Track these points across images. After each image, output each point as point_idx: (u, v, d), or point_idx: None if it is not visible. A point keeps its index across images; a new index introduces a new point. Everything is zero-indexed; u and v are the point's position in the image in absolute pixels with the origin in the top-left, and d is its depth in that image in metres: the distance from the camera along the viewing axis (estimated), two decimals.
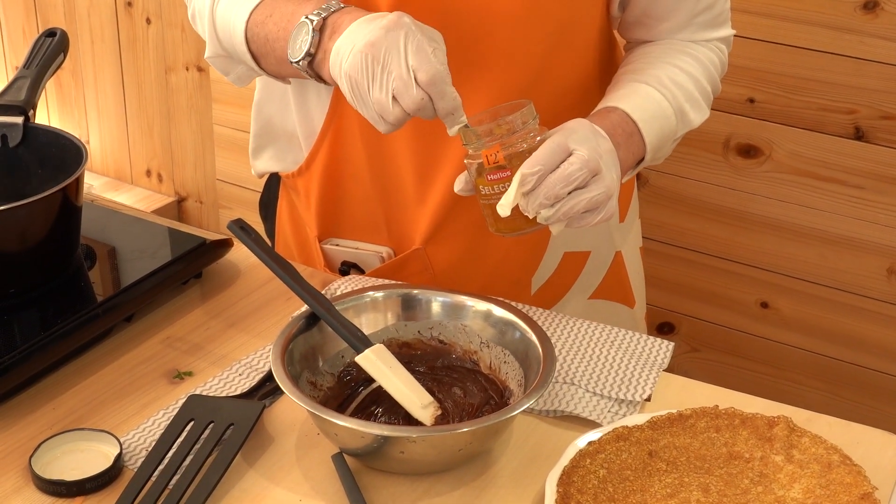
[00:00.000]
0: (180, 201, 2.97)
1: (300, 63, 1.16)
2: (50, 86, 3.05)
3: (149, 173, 2.99)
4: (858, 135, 1.89)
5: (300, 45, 1.16)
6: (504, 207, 1.09)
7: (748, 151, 2.00)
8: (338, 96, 1.31)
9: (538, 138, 1.11)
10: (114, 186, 3.04)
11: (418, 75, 1.07)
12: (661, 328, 2.22)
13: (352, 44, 1.09)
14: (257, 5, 1.24)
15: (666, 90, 1.27)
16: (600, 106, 1.26)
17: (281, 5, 1.22)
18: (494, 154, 1.09)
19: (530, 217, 1.10)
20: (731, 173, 2.03)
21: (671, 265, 2.15)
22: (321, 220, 1.42)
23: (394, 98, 1.08)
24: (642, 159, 1.27)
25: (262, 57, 1.26)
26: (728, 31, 1.37)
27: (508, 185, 1.09)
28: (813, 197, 1.97)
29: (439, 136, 1.20)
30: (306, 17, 1.16)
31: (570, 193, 1.09)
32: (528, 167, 1.08)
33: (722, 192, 2.05)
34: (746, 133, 1.99)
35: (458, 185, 1.15)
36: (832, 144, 1.92)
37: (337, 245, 1.42)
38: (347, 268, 1.42)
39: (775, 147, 1.98)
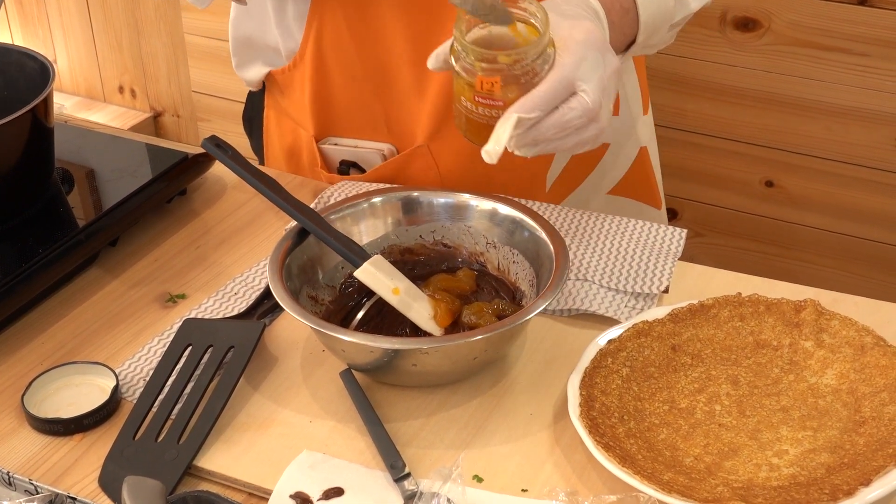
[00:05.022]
0: (156, 117, 2.90)
1: None
2: (10, 5, 2.96)
3: (121, 89, 2.92)
4: None
5: None
6: (491, 155, 0.96)
7: (746, 24, 1.94)
8: None
9: (545, 68, 0.97)
10: (86, 106, 2.97)
11: None
12: None
13: None
14: None
15: None
16: None
17: None
18: (491, 84, 0.96)
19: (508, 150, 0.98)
20: (730, 49, 1.97)
21: (671, 148, 2.10)
22: (317, 118, 1.33)
23: None
24: (633, 42, 1.17)
25: None
26: None
27: (495, 113, 0.97)
28: (816, 68, 1.91)
29: (433, 16, 1.12)
30: None
31: None
32: (525, 110, 0.95)
33: (721, 69, 1.99)
34: (743, 5, 1.92)
35: (432, 63, 1.03)
36: (834, 11, 1.85)
37: (335, 144, 1.34)
38: (347, 167, 1.34)
39: (774, 18, 1.91)
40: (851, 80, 1.89)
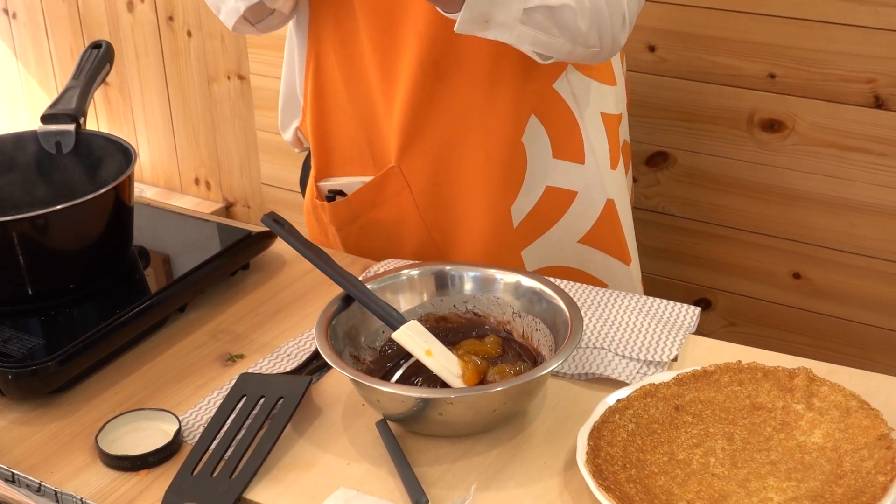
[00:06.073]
0: (228, 207, 3.04)
1: None
2: (99, 103, 3.14)
3: (197, 181, 3.07)
4: (878, 103, 1.92)
5: None
6: None
7: (772, 126, 2.03)
8: (313, 30, 1.43)
9: None
10: (165, 196, 3.11)
11: None
12: (698, 304, 2.25)
13: None
14: None
15: None
16: None
17: None
18: None
19: None
20: (757, 148, 2.06)
21: (705, 242, 2.19)
22: (318, 158, 1.52)
23: None
24: None
25: None
26: None
27: None
28: (838, 167, 2.00)
29: (394, 33, 1.28)
30: None
31: None
32: None
33: (749, 167, 2.08)
34: (769, 108, 2.02)
35: None
36: (853, 114, 1.94)
37: (331, 182, 1.53)
38: (333, 194, 1.52)
39: (798, 120, 2.00)
40: (871, 178, 1.97)
